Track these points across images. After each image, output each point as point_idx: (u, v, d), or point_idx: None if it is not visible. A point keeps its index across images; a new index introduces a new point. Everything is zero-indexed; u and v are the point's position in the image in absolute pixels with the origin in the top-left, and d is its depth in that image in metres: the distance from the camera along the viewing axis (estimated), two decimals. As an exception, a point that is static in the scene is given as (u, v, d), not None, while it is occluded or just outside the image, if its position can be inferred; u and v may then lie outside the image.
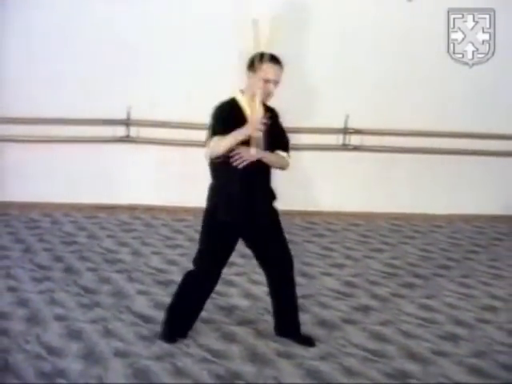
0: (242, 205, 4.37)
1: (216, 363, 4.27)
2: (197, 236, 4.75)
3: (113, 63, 7.51)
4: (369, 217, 7.88)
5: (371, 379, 4.16)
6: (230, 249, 4.50)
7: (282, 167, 4.59)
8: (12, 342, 4.45)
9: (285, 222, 7.51)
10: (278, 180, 7.61)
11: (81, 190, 7.80)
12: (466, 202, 8.12)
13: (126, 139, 7.73)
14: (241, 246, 5.43)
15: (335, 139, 7.87)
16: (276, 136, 4.45)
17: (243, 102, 4.35)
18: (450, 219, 7.97)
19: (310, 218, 7.77)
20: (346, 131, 7.81)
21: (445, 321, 5.08)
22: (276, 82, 4.31)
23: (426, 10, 7.55)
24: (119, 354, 4.34)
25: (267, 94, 4.30)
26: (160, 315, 4.84)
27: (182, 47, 7.60)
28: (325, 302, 5.36)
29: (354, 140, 7.85)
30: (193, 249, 5.46)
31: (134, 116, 7.66)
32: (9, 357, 4.24)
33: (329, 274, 6.02)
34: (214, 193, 4.49)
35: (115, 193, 7.87)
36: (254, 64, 4.28)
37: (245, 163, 4.24)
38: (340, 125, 7.78)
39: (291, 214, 7.73)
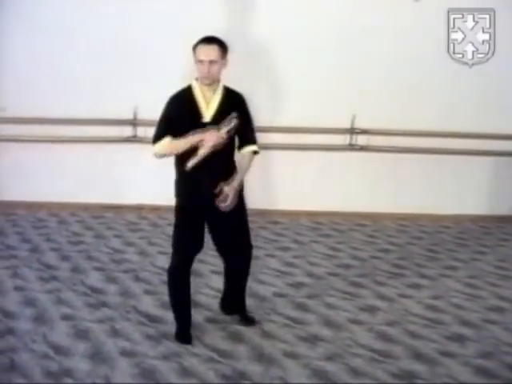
0: (199, 188, 4.46)
1: (222, 363, 4.28)
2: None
3: (120, 63, 7.51)
4: (375, 217, 7.87)
5: (377, 379, 4.16)
6: (197, 234, 4.60)
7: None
8: (19, 341, 4.48)
9: (291, 222, 7.58)
10: (285, 180, 7.67)
11: (88, 189, 7.81)
12: (474, 203, 8.09)
13: (133, 139, 7.73)
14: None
15: (342, 139, 7.85)
16: (242, 128, 4.46)
17: (197, 88, 4.41)
18: (457, 220, 7.95)
19: (317, 218, 7.76)
20: (352, 131, 7.80)
21: (451, 321, 5.07)
22: (211, 62, 4.31)
23: (426, 10, 7.54)
24: (126, 353, 4.36)
25: (205, 77, 4.33)
26: (166, 315, 4.87)
27: (189, 47, 7.57)
28: (331, 302, 5.36)
29: (361, 140, 7.83)
30: (199, 249, 5.44)
31: (141, 116, 7.66)
32: (15, 356, 4.27)
33: (335, 275, 6.02)
34: (176, 184, 4.69)
35: (122, 193, 7.88)
36: (193, 49, 4.41)
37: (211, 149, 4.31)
38: (347, 125, 7.77)
39: (298, 214, 7.74)
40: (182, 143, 4.35)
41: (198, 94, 4.41)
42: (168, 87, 7.75)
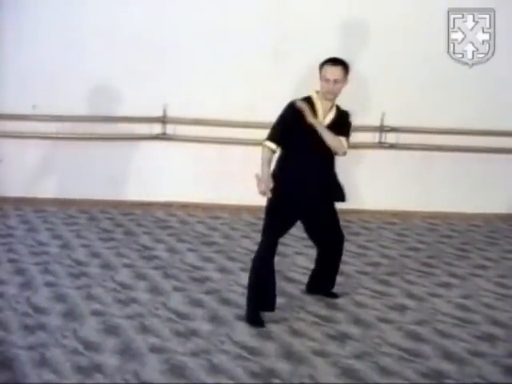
0: (297, 183, 4.85)
1: (251, 360, 4.28)
2: (232, 233, 4.78)
3: (150, 61, 7.55)
4: (405, 215, 7.83)
5: (406, 379, 4.13)
6: (287, 221, 4.94)
7: (336, 148, 4.91)
8: (49, 336, 4.51)
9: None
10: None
11: (117, 187, 7.86)
12: (504, 201, 8.03)
13: (163, 136, 7.77)
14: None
15: (371, 137, 7.83)
16: (338, 132, 4.92)
17: (317, 100, 4.90)
18: (488, 218, 7.89)
19: (347, 217, 7.70)
20: (382, 129, 7.77)
21: (481, 321, 5.03)
22: (336, 81, 4.80)
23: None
24: (155, 349, 4.37)
25: (329, 92, 4.84)
26: (195, 311, 4.89)
27: (219, 45, 7.61)
28: (360, 300, 5.35)
29: (390, 138, 7.80)
30: (229, 246, 5.51)
31: (171, 113, 7.70)
32: (46, 351, 4.29)
33: (365, 273, 6.00)
34: (278, 168, 4.96)
35: (151, 190, 7.93)
36: (320, 66, 4.89)
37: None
38: (376, 123, 7.74)
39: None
40: (262, 169, 4.77)
41: (319, 105, 4.89)
42: (197, 85, 7.86)
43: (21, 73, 7.67)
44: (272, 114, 4.94)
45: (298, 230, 5.51)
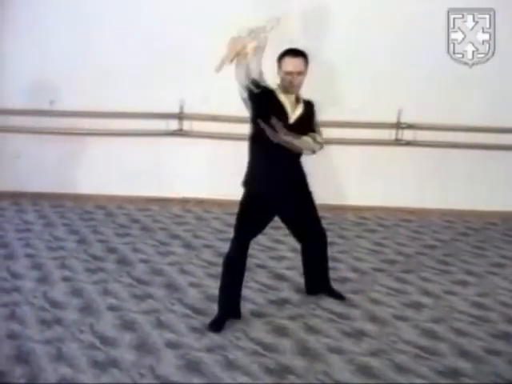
0: (267, 177, 4.70)
1: (267, 356, 4.29)
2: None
3: (167, 58, 7.56)
4: (421, 213, 7.81)
5: (422, 376, 4.13)
6: (260, 222, 4.86)
7: (315, 150, 4.83)
8: (66, 331, 4.54)
9: (337, 217, 7.57)
10: (330, 174, 7.64)
11: (134, 182, 7.88)
12: (521, 199, 7.99)
13: (179, 133, 7.79)
14: (291, 240, 5.46)
15: (388, 134, 7.81)
16: (310, 125, 4.75)
17: (280, 94, 4.66)
18: (505, 216, 7.84)
19: (362, 213, 7.73)
20: (398, 126, 7.75)
21: (498, 319, 5.00)
22: (299, 73, 4.58)
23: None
24: (171, 345, 4.40)
25: (292, 85, 4.59)
26: (211, 307, 4.89)
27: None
28: (376, 297, 5.34)
29: (407, 135, 7.78)
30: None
31: (187, 110, 7.71)
32: (63, 346, 4.33)
33: (380, 270, 5.99)
34: (247, 170, 4.83)
35: (167, 186, 7.95)
36: (278, 59, 4.66)
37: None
38: (393, 119, 7.72)
39: (343, 208, 7.72)
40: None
41: (283, 100, 4.66)
42: (213, 81, 7.81)
43: (38, 69, 7.71)
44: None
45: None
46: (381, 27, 7.46)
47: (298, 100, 4.71)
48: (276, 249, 6.43)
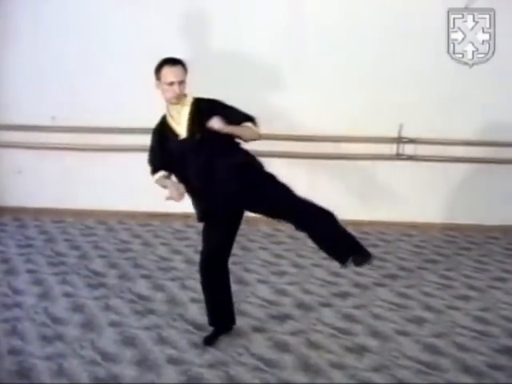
0: (212, 191, 4.51)
1: (268, 372, 4.28)
2: (250, 245, 4.77)
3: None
4: (423, 227, 7.80)
5: (425, 392, 4.12)
6: (227, 230, 4.64)
7: (253, 137, 4.58)
8: (67, 347, 4.54)
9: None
10: (331, 189, 7.64)
11: (135, 197, 7.87)
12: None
13: (180, 148, 7.79)
14: (293, 255, 5.44)
15: (389, 148, 7.81)
16: (228, 117, 4.42)
17: (168, 113, 4.62)
18: (506, 230, 7.83)
19: (363, 228, 7.72)
20: (399, 140, 7.75)
21: (500, 334, 4.98)
22: (180, 82, 4.45)
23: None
24: (172, 361, 4.39)
25: (176, 96, 4.46)
26: (213, 323, 4.88)
27: (234, 53, 7.63)
28: (378, 312, 5.32)
29: (408, 149, 7.78)
30: (246, 257, 5.53)
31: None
32: (64, 361, 4.32)
33: (382, 285, 5.97)
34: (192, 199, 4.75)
35: (169, 201, 7.92)
36: (156, 73, 4.53)
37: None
38: (394, 134, 7.73)
39: (344, 223, 7.69)
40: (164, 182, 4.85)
41: (169, 117, 4.61)
42: (207, 95, 7.83)
43: (39, 84, 7.75)
44: (281, 126, 4.86)
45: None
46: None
47: (183, 107, 4.55)
48: (277, 264, 6.41)
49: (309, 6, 7.56)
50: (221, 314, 4.78)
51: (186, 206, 7.84)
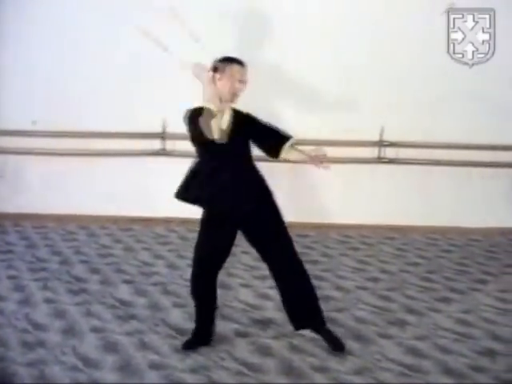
0: (223, 194, 4.48)
1: (251, 376, 4.27)
2: (233, 249, 4.75)
3: (149, 76, 7.57)
4: (404, 230, 7.83)
5: (407, 394, 4.13)
6: (224, 243, 4.62)
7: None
8: (49, 353, 4.50)
9: (320, 236, 7.56)
10: (314, 193, 7.66)
11: (117, 202, 7.85)
12: (504, 215, 8.01)
13: (162, 152, 7.78)
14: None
15: (370, 152, 7.84)
16: (259, 131, 4.59)
17: (209, 105, 4.49)
18: (487, 233, 7.88)
19: (346, 232, 7.74)
20: (381, 144, 7.78)
21: (482, 336, 5.01)
22: (244, 82, 4.52)
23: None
24: (154, 366, 4.37)
25: (237, 94, 4.52)
26: (195, 328, 4.86)
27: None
28: (360, 316, 5.33)
29: (390, 153, 7.81)
30: (228, 262, 5.48)
31: (170, 129, 7.70)
32: (45, 368, 4.29)
33: (364, 288, 5.99)
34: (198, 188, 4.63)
35: (150, 205, 7.92)
36: (219, 68, 4.53)
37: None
38: (375, 137, 7.75)
39: (326, 227, 7.73)
40: None
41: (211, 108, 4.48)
42: (196, 101, 7.81)
43: (20, 88, 7.71)
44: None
45: (298, 247, 5.47)
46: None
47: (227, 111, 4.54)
48: (260, 268, 6.38)
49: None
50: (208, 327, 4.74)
51: (168, 210, 7.90)
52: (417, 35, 7.49)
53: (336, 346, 4.62)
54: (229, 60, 4.54)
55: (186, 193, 4.72)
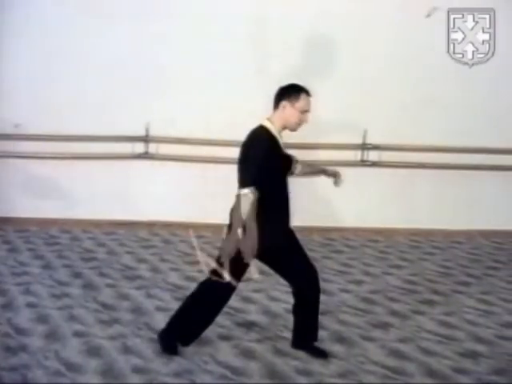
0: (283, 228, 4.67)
1: (234, 380, 4.26)
2: (216, 252, 4.74)
3: (132, 81, 7.56)
4: (388, 233, 7.85)
5: (391, 397, 4.13)
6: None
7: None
8: (31, 357, 4.47)
9: (303, 239, 7.50)
10: (297, 196, 7.65)
11: (100, 206, 7.83)
12: (486, 218, 8.06)
13: (145, 156, 7.77)
14: (258, 262, 5.40)
15: (353, 155, 7.86)
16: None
17: (273, 130, 4.39)
18: (470, 235, 7.92)
19: (329, 234, 7.76)
20: (364, 147, 7.80)
21: (465, 338, 5.03)
22: (309, 112, 4.47)
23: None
24: (137, 370, 4.34)
25: (301, 125, 4.48)
26: (178, 332, 4.85)
27: (201, 64, 7.63)
28: (343, 318, 5.34)
29: (373, 156, 7.83)
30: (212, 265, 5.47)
31: (153, 132, 7.70)
32: (28, 372, 4.26)
33: (347, 291, 6.00)
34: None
35: (134, 209, 7.90)
36: (290, 94, 4.38)
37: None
38: (358, 140, 7.77)
39: (309, 229, 7.72)
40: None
41: (277, 136, 4.42)
42: (179, 104, 7.85)
43: (2, 92, 7.66)
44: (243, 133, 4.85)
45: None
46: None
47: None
48: (243, 271, 6.40)
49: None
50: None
51: (151, 214, 7.88)
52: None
53: (320, 353, 4.64)
54: (299, 89, 4.42)
55: (277, 238, 4.59)
